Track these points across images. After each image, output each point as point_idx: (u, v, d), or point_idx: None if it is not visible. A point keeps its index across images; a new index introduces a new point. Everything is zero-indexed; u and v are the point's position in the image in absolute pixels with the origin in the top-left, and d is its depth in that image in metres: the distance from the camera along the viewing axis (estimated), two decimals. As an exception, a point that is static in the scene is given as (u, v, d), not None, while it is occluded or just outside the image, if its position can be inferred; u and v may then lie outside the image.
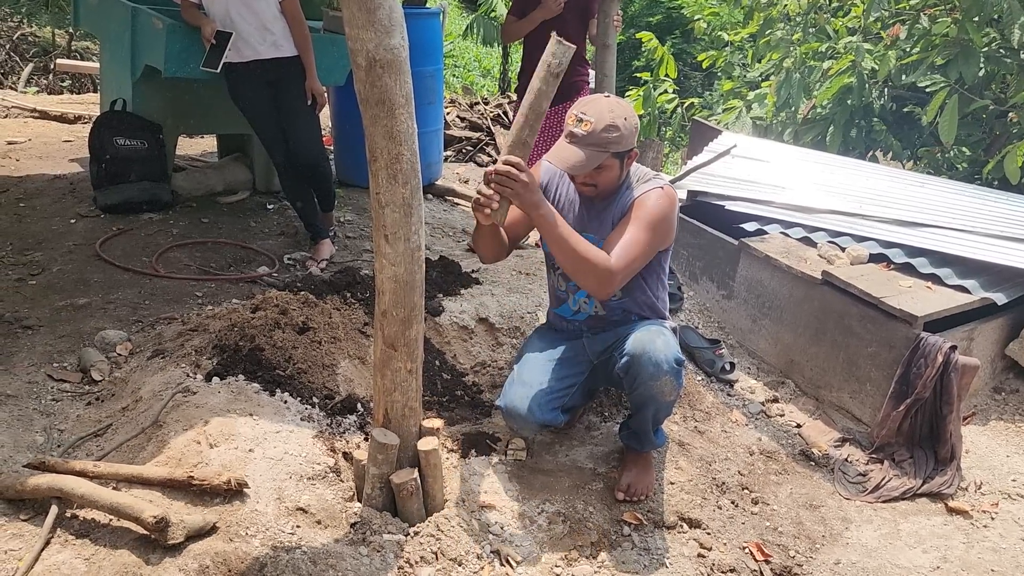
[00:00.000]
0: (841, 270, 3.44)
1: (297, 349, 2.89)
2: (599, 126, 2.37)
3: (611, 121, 2.38)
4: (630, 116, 2.45)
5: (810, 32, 7.10)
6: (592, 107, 2.42)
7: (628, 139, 2.44)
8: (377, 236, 2.13)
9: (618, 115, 2.41)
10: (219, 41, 3.85)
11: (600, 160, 2.41)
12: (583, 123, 2.39)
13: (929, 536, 2.77)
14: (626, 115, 2.43)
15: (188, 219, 4.52)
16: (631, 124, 2.44)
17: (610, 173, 2.49)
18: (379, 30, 1.91)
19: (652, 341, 2.48)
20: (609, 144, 2.39)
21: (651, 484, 2.72)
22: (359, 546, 2.21)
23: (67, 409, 2.79)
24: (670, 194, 2.53)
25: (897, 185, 4.55)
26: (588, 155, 2.39)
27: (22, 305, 3.35)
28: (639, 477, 2.70)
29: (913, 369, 3.08)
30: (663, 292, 2.75)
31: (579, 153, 2.39)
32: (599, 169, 2.45)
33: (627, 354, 2.49)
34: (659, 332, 2.53)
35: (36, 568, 2.01)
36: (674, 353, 2.49)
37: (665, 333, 2.55)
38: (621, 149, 2.44)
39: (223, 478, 2.20)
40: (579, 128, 2.39)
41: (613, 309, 2.68)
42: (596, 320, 2.71)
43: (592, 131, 2.38)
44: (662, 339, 2.49)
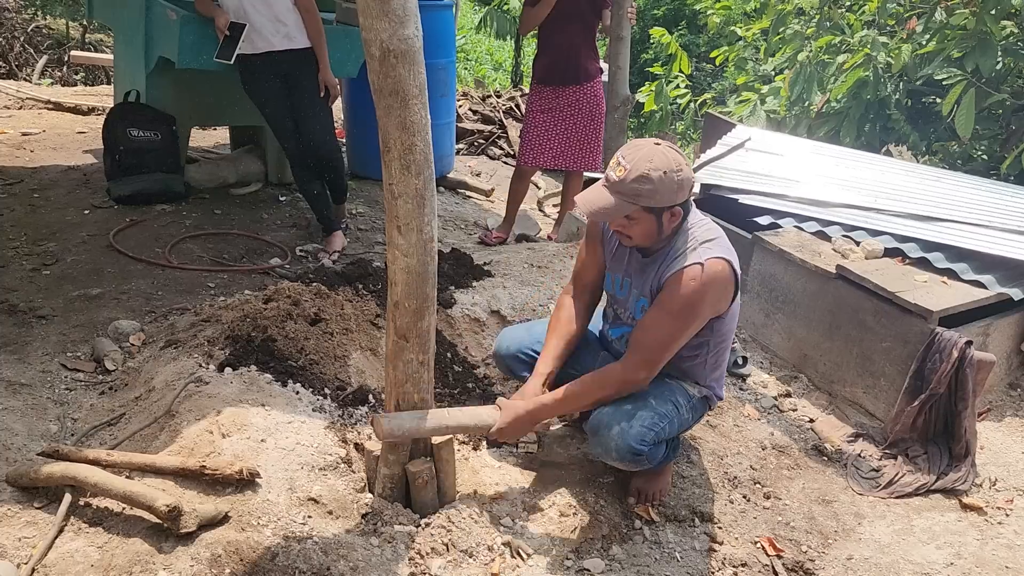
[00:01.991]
0: (856, 264, 3.41)
1: (309, 340, 2.90)
2: (631, 175, 2.21)
3: (645, 172, 2.20)
4: (671, 169, 2.22)
5: (824, 26, 7.04)
6: (633, 153, 2.24)
7: (664, 194, 2.23)
8: (390, 227, 2.13)
9: (657, 166, 2.20)
10: (232, 33, 3.86)
11: (626, 211, 2.25)
12: (619, 167, 2.23)
13: (943, 532, 2.75)
14: (666, 168, 2.21)
15: (201, 210, 4.53)
16: (671, 179, 2.22)
17: (642, 226, 2.30)
18: (393, 20, 1.90)
19: (608, 426, 2.37)
20: (639, 197, 2.22)
21: (664, 488, 2.66)
22: (370, 537, 2.22)
23: (81, 398, 2.80)
24: (710, 271, 2.29)
25: (913, 179, 4.51)
26: (615, 204, 2.24)
27: (36, 295, 3.37)
28: (649, 481, 2.65)
29: (928, 364, 3.05)
30: (704, 357, 2.52)
31: (606, 198, 2.25)
32: (630, 219, 2.28)
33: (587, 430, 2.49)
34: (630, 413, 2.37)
35: (49, 556, 2.03)
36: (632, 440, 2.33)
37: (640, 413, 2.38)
38: (653, 204, 2.24)
39: (235, 468, 2.21)
40: (614, 172, 2.24)
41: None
42: None
43: (624, 178, 2.22)
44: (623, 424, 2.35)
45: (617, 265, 2.55)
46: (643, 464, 2.43)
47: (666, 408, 2.45)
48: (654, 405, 2.42)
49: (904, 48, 6.01)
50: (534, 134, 4.57)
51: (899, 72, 6.23)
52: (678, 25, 11.22)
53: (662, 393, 2.47)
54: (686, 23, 11.21)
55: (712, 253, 2.31)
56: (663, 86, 8.00)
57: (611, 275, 2.58)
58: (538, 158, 4.62)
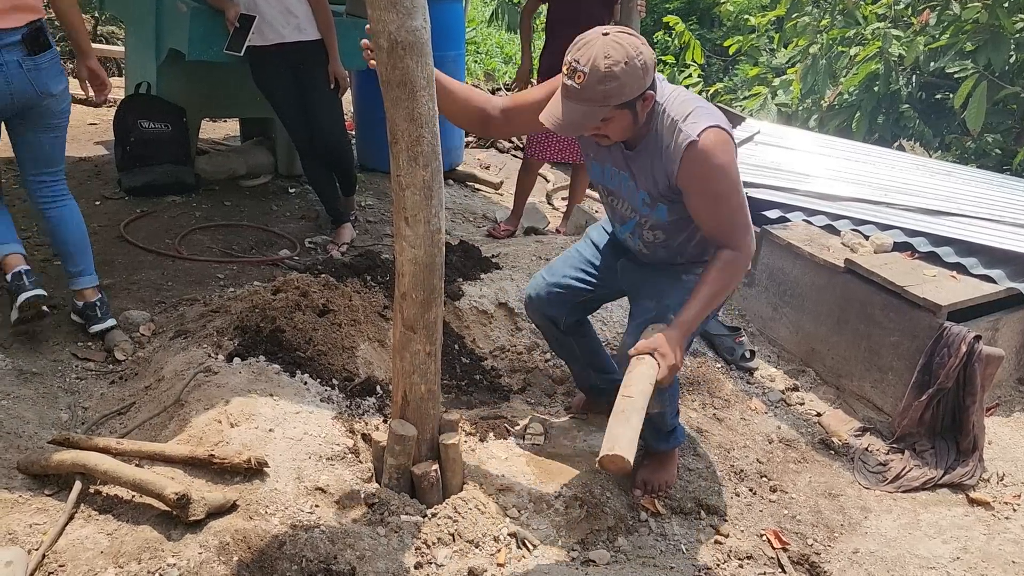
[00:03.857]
0: (864, 258, 3.40)
1: (317, 331, 2.91)
2: (593, 78, 2.02)
3: (606, 69, 2.01)
4: (632, 56, 2.03)
5: (838, 18, 7.00)
6: (586, 52, 2.03)
7: (631, 86, 2.05)
8: (397, 218, 2.13)
9: (616, 59, 2.01)
10: (243, 24, 3.86)
11: (599, 117, 2.09)
12: (576, 74, 2.03)
13: (949, 527, 2.75)
14: (626, 57, 2.02)
15: (211, 202, 4.55)
16: (634, 67, 2.03)
17: (617, 123, 2.13)
18: (401, 11, 1.90)
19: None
20: (608, 98, 2.04)
21: (670, 480, 2.66)
22: (377, 526, 2.23)
23: (91, 387, 2.83)
24: (720, 138, 2.14)
25: (923, 174, 4.49)
26: (584, 112, 2.07)
27: (48, 285, 3.37)
28: (655, 473, 2.65)
29: (936, 359, 3.04)
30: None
31: (574, 109, 2.08)
32: (604, 121, 2.11)
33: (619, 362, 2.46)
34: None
35: (60, 542, 2.05)
36: None
37: None
38: (625, 99, 2.07)
39: (243, 457, 2.23)
40: (573, 80, 2.05)
41: (655, 250, 2.47)
42: (642, 253, 2.52)
43: (585, 84, 2.03)
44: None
45: (601, 154, 2.38)
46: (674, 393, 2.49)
47: None
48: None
49: (917, 41, 5.98)
50: (541, 127, 4.56)
51: (912, 65, 6.19)
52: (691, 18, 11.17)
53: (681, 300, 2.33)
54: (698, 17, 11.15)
55: (700, 125, 2.13)
56: (675, 76, 7.97)
57: (597, 164, 2.42)
58: (545, 151, 4.62)
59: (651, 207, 2.33)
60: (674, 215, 2.32)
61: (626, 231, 2.51)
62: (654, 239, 2.43)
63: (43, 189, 3.04)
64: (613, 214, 2.54)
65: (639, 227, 2.44)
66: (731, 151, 2.19)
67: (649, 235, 2.43)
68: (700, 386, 3.24)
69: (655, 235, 2.42)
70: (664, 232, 2.40)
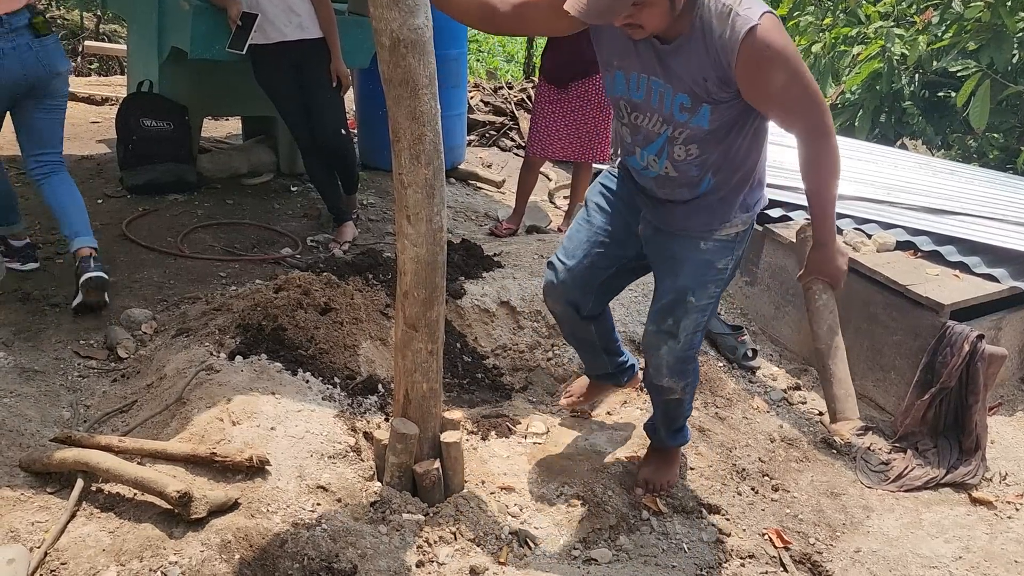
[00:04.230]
0: (867, 257, 3.40)
1: (319, 329, 2.91)
2: None
3: None
4: None
5: (840, 17, 6.99)
6: None
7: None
8: (399, 217, 2.13)
9: None
10: (245, 23, 3.86)
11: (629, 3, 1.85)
12: None
13: (952, 526, 2.74)
14: None
15: (213, 200, 4.55)
16: None
17: (656, 9, 1.90)
18: (403, 9, 1.90)
19: (657, 347, 2.35)
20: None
21: (672, 479, 2.64)
22: (379, 525, 2.23)
23: (93, 385, 2.83)
24: (777, 23, 1.96)
25: (926, 173, 4.48)
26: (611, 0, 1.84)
27: (50, 283, 3.39)
28: (657, 471, 2.64)
29: (939, 358, 3.04)
30: (754, 155, 2.22)
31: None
32: (637, 6, 1.87)
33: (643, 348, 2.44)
34: (672, 329, 2.31)
35: (62, 540, 2.05)
36: (680, 353, 2.35)
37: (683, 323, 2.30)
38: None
39: (245, 455, 2.23)
40: None
41: (687, 169, 2.19)
42: (665, 180, 2.24)
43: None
44: (671, 343, 2.32)
45: (627, 61, 2.12)
46: (684, 381, 2.45)
47: (706, 295, 2.32)
48: (693, 303, 2.30)
49: (920, 39, 5.97)
50: (542, 125, 4.56)
51: (914, 64, 6.18)
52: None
53: (699, 277, 2.29)
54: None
55: (756, 11, 1.93)
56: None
57: (622, 74, 2.16)
58: (546, 149, 4.61)
59: (691, 111, 2.07)
60: (716, 119, 2.07)
61: (650, 155, 2.21)
62: (686, 155, 2.15)
63: (43, 168, 3.27)
64: (633, 138, 2.24)
65: (670, 143, 2.15)
66: (788, 35, 2.01)
67: (680, 151, 2.15)
68: (702, 385, 3.23)
69: (688, 151, 2.15)
70: (699, 146, 2.13)
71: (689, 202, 2.26)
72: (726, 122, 2.09)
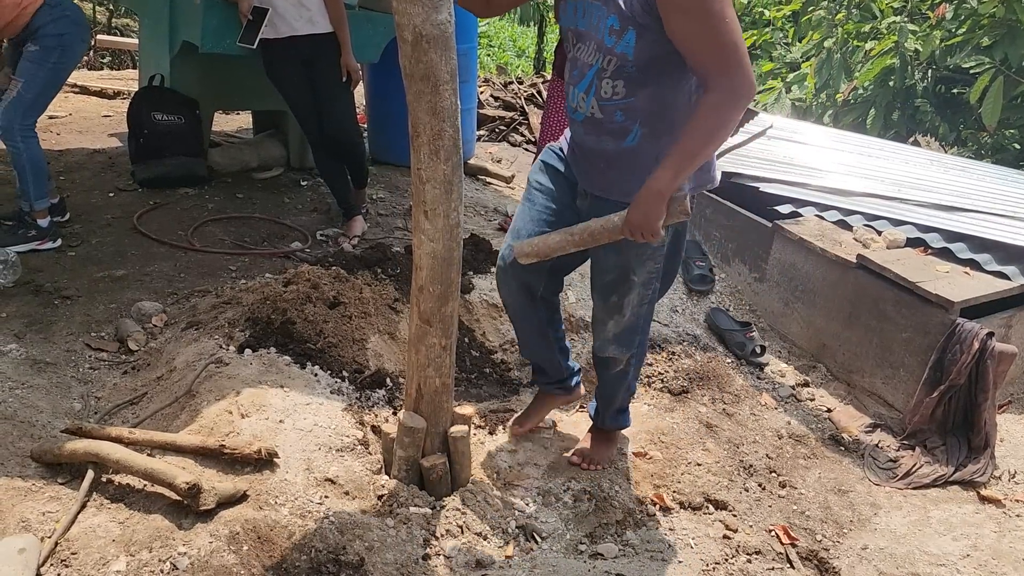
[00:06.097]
0: (877, 254, 3.39)
1: (328, 323, 2.92)
2: None
3: None
4: None
5: (853, 12, 6.96)
6: None
7: None
8: (416, 212, 2.13)
9: None
10: (256, 17, 3.87)
11: None
12: None
13: (960, 524, 2.73)
14: None
15: (223, 194, 4.57)
16: None
17: None
18: (427, 4, 1.89)
19: (604, 322, 2.44)
20: None
21: (610, 457, 2.71)
22: (386, 518, 2.24)
23: (104, 377, 2.85)
24: None
25: (937, 169, 4.46)
26: None
27: (62, 276, 3.41)
28: (595, 451, 2.71)
29: (948, 355, 3.03)
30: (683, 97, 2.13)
31: None
32: None
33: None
34: (618, 305, 2.37)
35: (72, 530, 2.06)
36: (626, 328, 2.43)
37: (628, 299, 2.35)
38: None
39: (254, 447, 2.24)
40: None
41: (612, 111, 2.15)
42: (592, 125, 2.20)
43: None
44: (616, 317, 2.41)
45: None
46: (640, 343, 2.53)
47: (645, 271, 2.33)
48: (635, 280, 2.34)
49: (934, 35, 5.93)
50: (553, 120, 4.55)
51: (927, 60, 6.14)
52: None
53: (639, 254, 2.29)
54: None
55: None
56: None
57: (569, 3, 2.16)
58: (558, 144, 4.61)
59: (619, 35, 2.03)
60: (641, 51, 2.02)
61: (580, 92, 2.18)
62: (612, 93, 2.11)
63: None
64: (571, 75, 2.22)
65: (599, 76, 2.11)
66: None
67: (608, 87, 2.11)
68: (710, 381, 3.24)
69: (614, 88, 2.10)
70: (625, 84, 2.09)
71: (616, 158, 2.21)
72: (652, 60, 2.04)
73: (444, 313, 2.24)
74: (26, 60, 3.48)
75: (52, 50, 3.49)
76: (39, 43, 3.46)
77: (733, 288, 3.99)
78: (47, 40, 3.48)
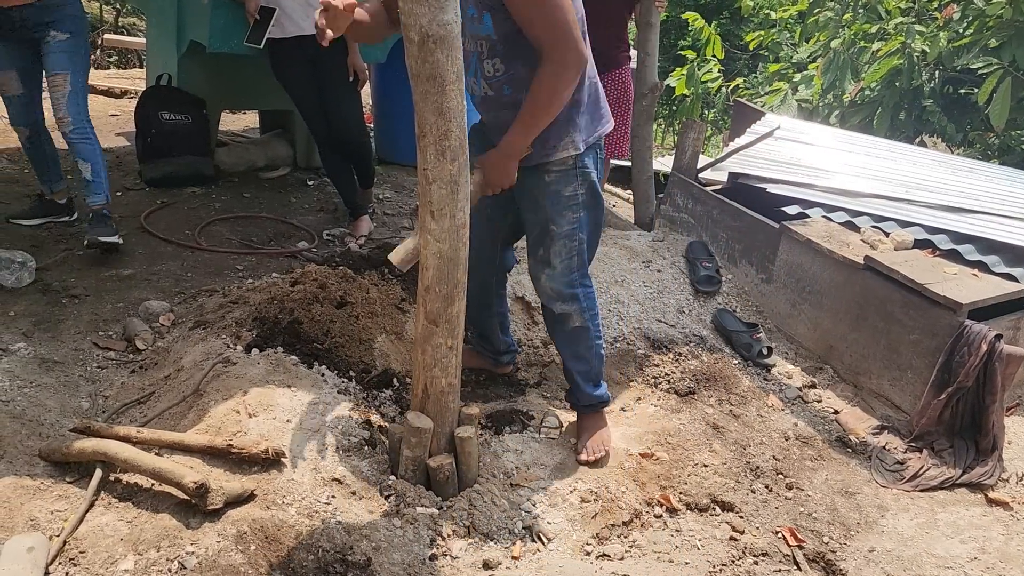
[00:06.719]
0: (884, 255, 3.38)
1: (335, 323, 2.92)
2: None
3: None
4: None
5: (860, 12, 6.94)
6: None
7: None
8: (423, 212, 2.13)
9: None
10: (263, 17, 3.88)
11: None
12: None
13: (967, 527, 2.73)
14: None
15: (230, 193, 4.58)
16: None
17: None
18: (433, 5, 1.89)
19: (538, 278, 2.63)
20: None
21: (607, 440, 2.74)
22: (393, 518, 2.24)
23: (112, 376, 2.85)
24: None
25: (945, 170, 4.45)
26: None
27: (69, 275, 3.43)
28: (591, 438, 2.73)
29: (956, 357, 3.02)
30: None
31: None
32: None
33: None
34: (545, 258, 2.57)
35: (81, 529, 2.07)
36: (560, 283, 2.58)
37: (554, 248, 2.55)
38: None
39: (261, 447, 2.24)
40: None
41: (500, 87, 2.39)
42: (488, 103, 2.46)
43: None
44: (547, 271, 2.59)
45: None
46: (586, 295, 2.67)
47: (565, 221, 2.54)
48: (556, 231, 2.54)
49: (941, 36, 5.91)
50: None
51: (935, 60, 6.13)
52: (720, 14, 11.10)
53: (554, 206, 2.52)
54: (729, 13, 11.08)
55: None
56: (694, 70, 7.91)
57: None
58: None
59: (479, 20, 2.27)
60: (499, 29, 2.26)
61: (471, 78, 2.42)
62: (494, 71, 2.35)
63: None
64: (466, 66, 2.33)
65: (479, 59, 2.36)
66: None
67: (488, 67, 2.36)
68: (717, 382, 3.24)
69: (494, 66, 2.35)
70: (501, 60, 2.33)
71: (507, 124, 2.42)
72: (512, 34, 2.26)
73: (450, 313, 2.24)
74: (59, 52, 3.38)
75: (80, 33, 3.44)
76: (65, 28, 3.37)
77: (740, 289, 3.98)
78: (75, 23, 3.41)
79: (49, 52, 3.39)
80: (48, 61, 3.40)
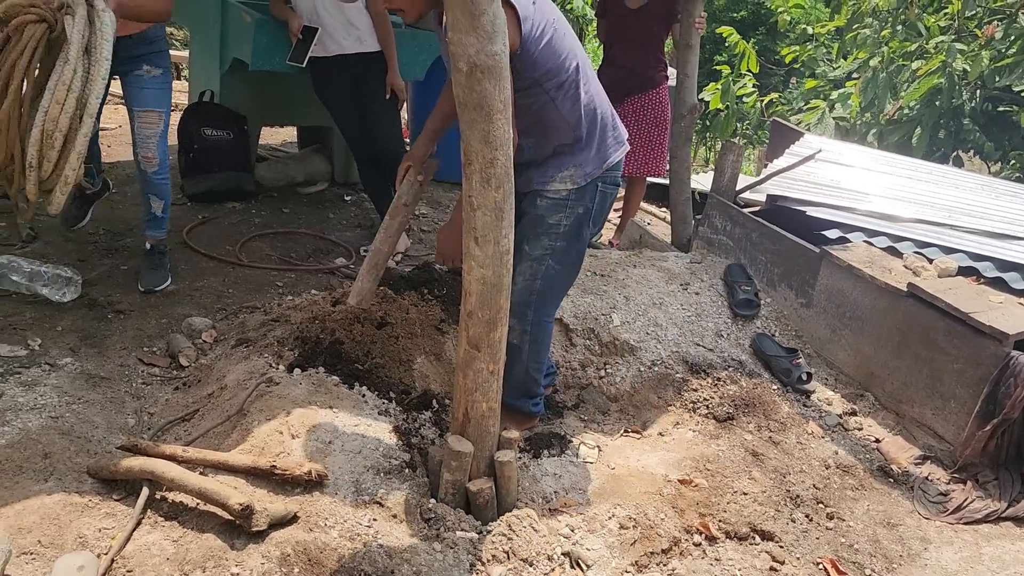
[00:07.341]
0: (928, 282, 3.33)
1: (375, 344, 2.94)
2: None
3: None
4: None
5: (899, 29, 6.88)
6: None
7: None
8: (467, 238, 2.15)
9: None
10: (305, 36, 3.93)
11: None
12: None
13: (1013, 562, 2.67)
14: None
15: (269, 209, 4.63)
16: None
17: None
18: (482, 36, 1.91)
19: None
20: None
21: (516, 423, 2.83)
22: (433, 542, 2.25)
23: (156, 393, 2.90)
24: None
25: (988, 195, 4.39)
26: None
27: (114, 290, 3.48)
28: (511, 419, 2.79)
29: (1002, 388, 2.97)
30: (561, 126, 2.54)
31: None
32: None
33: None
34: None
35: (128, 547, 2.10)
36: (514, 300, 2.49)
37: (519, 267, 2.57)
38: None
39: (304, 469, 2.26)
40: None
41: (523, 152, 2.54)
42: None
43: None
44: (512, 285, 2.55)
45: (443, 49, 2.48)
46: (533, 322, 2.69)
47: (539, 246, 2.61)
48: (527, 252, 2.61)
49: (983, 55, 5.85)
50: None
51: (976, 80, 6.06)
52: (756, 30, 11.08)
53: (533, 229, 2.59)
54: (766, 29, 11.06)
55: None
56: (730, 84, 7.88)
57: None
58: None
59: None
60: None
61: None
62: None
63: None
64: None
65: None
66: None
67: None
68: (756, 408, 3.21)
69: None
70: None
71: (525, 167, 2.55)
72: None
73: (492, 339, 2.25)
74: (155, 89, 3.31)
75: (168, 70, 3.38)
76: (159, 64, 3.30)
77: (779, 313, 3.95)
78: (166, 60, 3.35)
79: (143, 87, 3.30)
80: (142, 96, 3.31)
